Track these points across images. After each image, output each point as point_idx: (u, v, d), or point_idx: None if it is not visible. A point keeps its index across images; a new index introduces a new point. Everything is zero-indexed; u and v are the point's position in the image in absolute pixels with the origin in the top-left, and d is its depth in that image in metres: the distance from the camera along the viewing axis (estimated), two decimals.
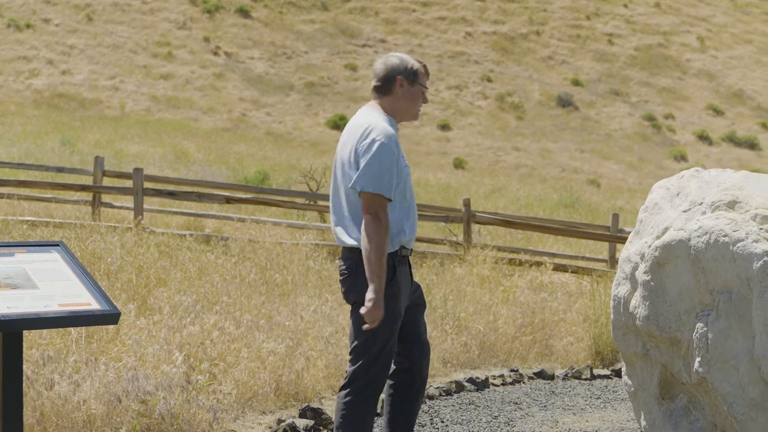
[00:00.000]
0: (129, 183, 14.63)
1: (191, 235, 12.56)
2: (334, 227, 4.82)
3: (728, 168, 5.88)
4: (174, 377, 5.77)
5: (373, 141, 4.56)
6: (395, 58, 4.75)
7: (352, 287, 4.68)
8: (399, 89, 4.72)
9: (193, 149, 29.16)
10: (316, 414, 6.22)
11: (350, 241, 4.67)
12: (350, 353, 4.73)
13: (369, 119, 4.65)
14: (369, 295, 4.48)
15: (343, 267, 4.74)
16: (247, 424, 6.07)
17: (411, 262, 4.86)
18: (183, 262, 9.72)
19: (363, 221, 4.57)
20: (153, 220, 14.95)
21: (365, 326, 4.53)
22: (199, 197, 14.14)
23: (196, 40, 50.05)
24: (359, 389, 4.63)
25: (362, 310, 4.50)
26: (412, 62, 4.74)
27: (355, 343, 4.68)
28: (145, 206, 14.29)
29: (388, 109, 4.75)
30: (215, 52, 49.26)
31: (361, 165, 4.57)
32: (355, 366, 4.65)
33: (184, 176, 20.21)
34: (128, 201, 14.98)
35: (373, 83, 4.78)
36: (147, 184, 14.32)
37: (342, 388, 4.69)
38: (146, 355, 6.24)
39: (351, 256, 4.68)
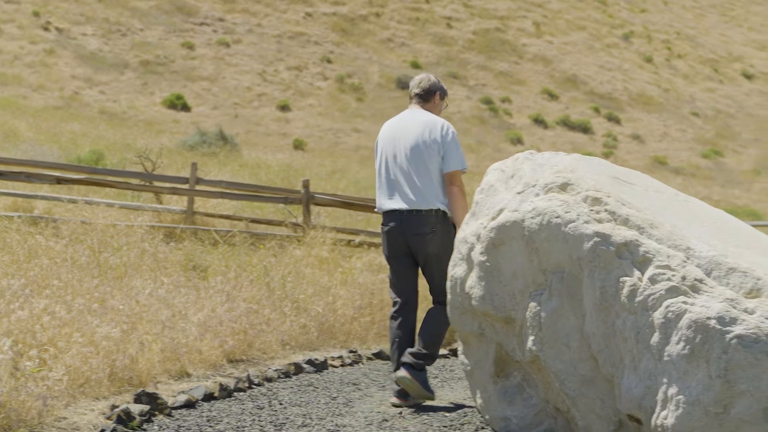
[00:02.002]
0: None
1: (19, 216, 12.10)
2: (412, 199, 6.26)
3: (562, 151, 6.02)
4: (1, 364, 5.55)
5: (453, 133, 6.31)
6: (434, 77, 6.56)
7: (438, 241, 6.28)
8: (435, 100, 6.52)
9: (23, 128, 28.08)
10: (151, 399, 6.07)
11: (437, 206, 6.24)
12: (436, 284, 6.39)
13: (434, 117, 6.37)
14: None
15: (427, 227, 6.26)
16: (79, 411, 5.88)
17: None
18: (10, 245, 9.35)
19: (452, 191, 6.28)
20: None
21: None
22: (28, 177, 13.63)
23: (24, 15, 48.23)
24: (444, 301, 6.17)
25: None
26: (443, 85, 6.60)
27: (438, 275, 6.31)
28: None
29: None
30: (46, 28, 47.57)
31: (447, 151, 6.27)
32: (443, 287, 6.13)
33: (12, 156, 19.46)
34: None
35: (417, 91, 6.51)
36: None
37: (439, 304, 6.38)
38: None
39: (432, 218, 6.26)
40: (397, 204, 6.32)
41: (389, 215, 6.37)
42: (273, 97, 46.31)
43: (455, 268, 5.73)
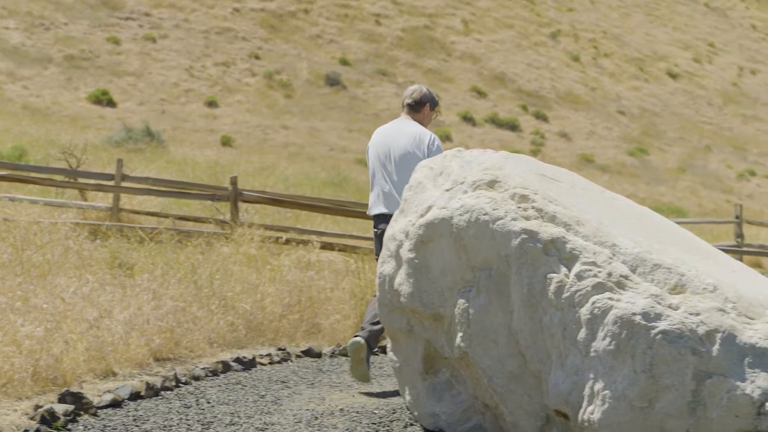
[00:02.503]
0: None
1: None
2: (396, 200, 6.53)
3: (491, 149, 6.06)
4: None
5: (438, 146, 6.78)
6: (426, 89, 7.05)
7: None
8: (425, 111, 7.04)
9: None
10: (76, 398, 5.99)
11: None
12: None
13: (422, 129, 6.89)
14: None
15: None
16: (1, 411, 5.78)
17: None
18: None
19: None
20: None
21: None
22: None
23: None
24: None
25: None
26: (434, 96, 7.09)
27: None
28: None
29: (416, 121, 6.99)
30: None
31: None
32: None
33: None
34: None
35: (409, 102, 6.99)
36: None
37: None
38: None
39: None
40: (386, 209, 6.81)
41: (379, 218, 6.86)
42: (200, 93, 45.90)
43: (384, 265, 5.72)
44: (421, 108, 7.06)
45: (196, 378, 7.14)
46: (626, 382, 4.42)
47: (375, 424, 5.81)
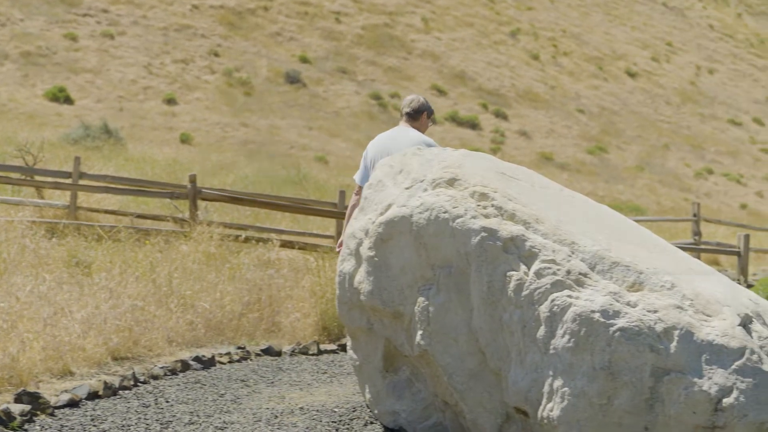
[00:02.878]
0: None
1: None
2: None
3: (451, 147, 6.08)
4: None
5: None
6: (423, 98, 7.35)
7: None
8: (423, 119, 7.29)
9: None
10: (33, 398, 5.93)
11: None
12: None
13: (424, 137, 7.03)
14: None
15: None
16: None
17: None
18: None
19: None
20: None
21: None
22: None
23: None
24: None
25: None
26: (430, 105, 7.39)
27: None
28: None
29: (415, 128, 7.20)
30: None
31: None
32: None
33: None
34: None
35: (408, 110, 7.24)
36: None
37: None
38: None
39: None
40: None
41: None
42: (159, 91, 45.58)
43: (343, 264, 5.71)
44: (419, 116, 7.30)
45: (155, 377, 7.09)
46: (585, 379, 4.44)
47: (335, 422, 5.79)
